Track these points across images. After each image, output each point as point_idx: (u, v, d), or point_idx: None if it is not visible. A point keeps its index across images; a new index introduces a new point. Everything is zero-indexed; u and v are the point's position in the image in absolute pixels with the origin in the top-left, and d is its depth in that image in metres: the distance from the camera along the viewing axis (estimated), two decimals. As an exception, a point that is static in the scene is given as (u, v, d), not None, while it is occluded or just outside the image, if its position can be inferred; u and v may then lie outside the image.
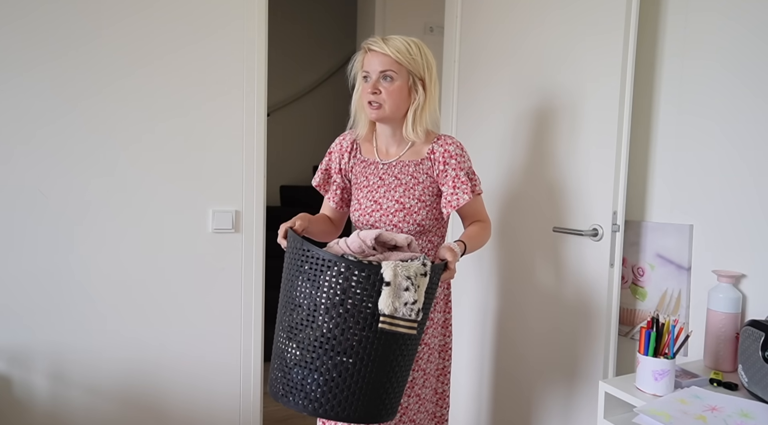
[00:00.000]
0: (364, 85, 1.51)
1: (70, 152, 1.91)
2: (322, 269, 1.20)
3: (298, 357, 1.22)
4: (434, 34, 3.58)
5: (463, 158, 1.53)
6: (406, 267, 1.18)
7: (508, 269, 2.07)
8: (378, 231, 1.32)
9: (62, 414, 1.95)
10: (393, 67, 1.46)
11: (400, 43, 1.47)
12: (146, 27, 1.96)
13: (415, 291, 1.18)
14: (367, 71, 1.49)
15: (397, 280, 1.17)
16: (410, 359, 1.30)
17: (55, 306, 1.92)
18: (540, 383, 1.93)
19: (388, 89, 1.47)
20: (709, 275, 1.53)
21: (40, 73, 1.86)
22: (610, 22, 1.65)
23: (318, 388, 1.19)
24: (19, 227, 1.87)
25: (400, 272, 1.17)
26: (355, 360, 1.18)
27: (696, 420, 1.13)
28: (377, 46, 1.46)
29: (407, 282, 1.18)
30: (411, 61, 1.47)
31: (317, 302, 1.19)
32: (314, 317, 1.20)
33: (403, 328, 1.19)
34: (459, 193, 1.49)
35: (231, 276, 2.14)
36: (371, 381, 1.20)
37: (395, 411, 1.30)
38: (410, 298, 1.18)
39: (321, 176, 1.67)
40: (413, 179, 1.53)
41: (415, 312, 1.19)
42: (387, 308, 1.16)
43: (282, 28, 4.25)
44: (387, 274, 1.17)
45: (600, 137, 1.69)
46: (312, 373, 1.20)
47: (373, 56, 1.47)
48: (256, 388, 2.21)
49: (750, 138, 1.45)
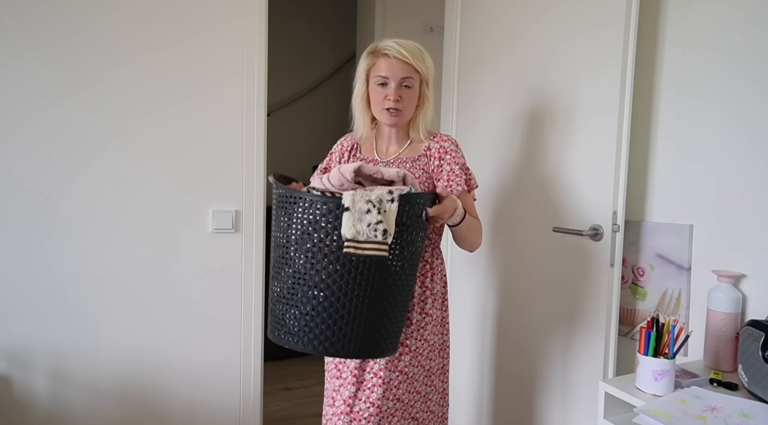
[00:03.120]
0: (380, 91, 1.51)
1: (69, 153, 1.90)
2: (293, 207, 1.22)
3: (278, 294, 1.25)
4: (434, 34, 3.57)
5: (458, 153, 1.57)
6: (366, 194, 1.18)
7: (508, 269, 2.07)
8: (357, 164, 1.31)
9: (62, 414, 1.95)
10: (412, 75, 1.50)
11: (416, 49, 1.50)
12: (146, 27, 1.96)
13: (379, 213, 1.17)
14: (386, 77, 1.50)
15: (356, 205, 1.16)
16: (400, 293, 1.28)
17: (55, 306, 1.92)
18: (540, 383, 1.93)
19: (408, 96, 1.51)
20: (709, 275, 1.53)
21: (40, 74, 1.85)
22: (610, 21, 1.65)
23: (296, 322, 1.23)
24: (18, 228, 1.87)
25: (359, 198, 1.17)
26: (326, 294, 1.19)
27: (696, 420, 1.13)
28: (399, 53, 1.48)
29: (368, 205, 1.17)
30: (424, 67, 1.51)
31: (290, 239, 1.22)
32: (289, 253, 1.22)
33: (370, 250, 1.18)
34: (453, 185, 1.53)
35: (231, 276, 2.14)
36: (348, 315, 1.20)
37: (391, 347, 1.30)
38: (373, 219, 1.17)
39: (320, 174, 1.66)
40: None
41: (381, 232, 1.18)
42: (348, 232, 1.16)
43: (282, 27, 4.25)
44: (346, 201, 1.17)
45: (600, 136, 1.69)
46: (290, 308, 1.23)
47: (394, 63, 1.48)
48: (256, 388, 2.21)
49: (750, 138, 1.45)
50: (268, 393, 2.98)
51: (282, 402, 2.90)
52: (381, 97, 1.51)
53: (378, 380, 1.46)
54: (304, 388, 3.08)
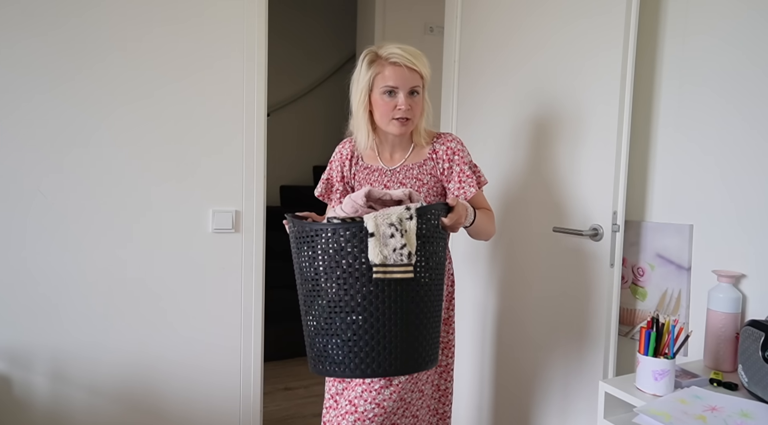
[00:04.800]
0: (387, 101, 1.46)
1: (70, 153, 1.91)
2: (316, 240, 1.25)
3: (315, 327, 1.28)
4: (434, 34, 3.57)
5: (464, 152, 1.56)
6: (387, 215, 1.21)
7: (508, 269, 2.07)
8: (366, 189, 1.33)
9: (62, 414, 1.95)
10: (419, 82, 1.47)
11: (418, 53, 1.47)
12: (147, 28, 1.96)
13: (402, 236, 1.20)
14: (395, 86, 1.45)
15: (380, 229, 1.20)
16: (432, 303, 1.30)
17: (55, 306, 1.92)
18: (540, 382, 1.93)
19: (417, 104, 1.48)
20: (709, 275, 1.53)
21: (40, 75, 1.86)
22: (611, 22, 1.65)
23: (339, 350, 1.25)
24: (19, 228, 1.87)
25: (381, 222, 1.20)
26: (365, 317, 1.22)
27: (696, 420, 1.13)
28: (407, 60, 1.44)
29: (391, 229, 1.20)
30: (427, 72, 1.49)
31: (318, 270, 1.25)
32: (319, 284, 1.25)
33: (398, 274, 1.21)
34: (465, 186, 1.52)
35: (231, 276, 2.14)
36: (390, 333, 1.23)
37: (434, 357, 1.33)
38: (398, 244, 1.20)
39: (323, 185, 1.67)
40: (417, 181, 1.54)
41: (406, 256, 1.21)
42: (377, 258, 1.20)
43: (282, 27, 4.25)
44: (369, 226, 1.20)
45: (600, 136, 1.69)
46: (331, 338, 1.25)
47: (404, 71, 1.44)
48: (256, 388, 2.21)
49: (750, 138, 1.45)
50: (268, 393, 2.98)
51: (282, 402, 2.90)
52: (389, 108, 1.46)
53: (385, 380, 1.46)
54: (304, 388, 3.09)
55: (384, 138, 1.57)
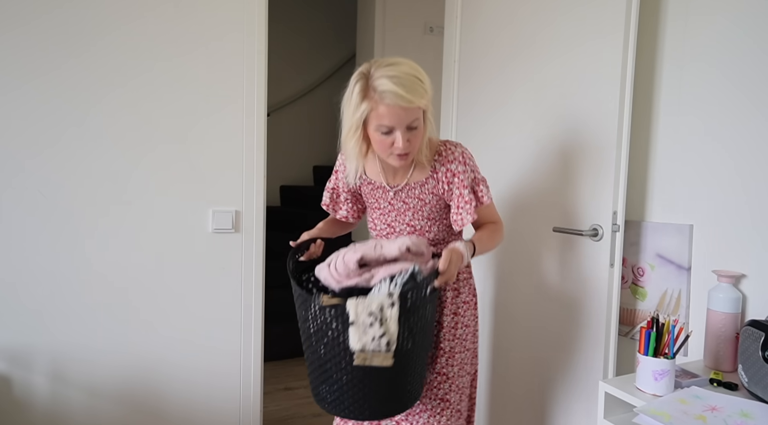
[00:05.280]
0: (384, 139, 1.35)
1: (70, 153, 1.90)
2: (306, 304, 1.29)
3: (311, 366, 1.35)
4: (434, 34, 3.57)
5: (466, 173, 1.47)
6: (368, 303, 1.22)
7: (508, 269, 2.07)
8: (359, 254, 1.35)
9: (62, 414, 1.95)
10: (418, 115, 1.35)
11: (415, 81, 1.31)
12: (147, 29, 1.96)
13: (381, 325, 1.21)
14: (391, 126, 1.33)
15: (360, 318, 1.21)
16: (416, 359, 1.32)
17: (55, 307, 1.92)
18: (540, 382, 1.93)
19: (416, 137, 1.37)
20: (709, 275, 1.53)
21: (41, 76, 1.85)
22: (611, 23, 1.65)
23: (329, 395, 1.31)
24: (19, 228, 1.87)
25: (361, 311, 1.22)
26: (350, 377, 1.27)
27: (696, 420, 1.13)
28: (402, 99, 1.29)
29: (371, 318, 1.21)
30: (427, 100, 1.36)
31: (310, 331, 1.30)
32: (311, 340, 1.31)
33: (377, 361, 1.23)
34: (463, 213, 1.46)
35: (231, 276, 2.14)
36: (377, 388, 1.28)
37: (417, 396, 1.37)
38: (377, 333, 1.21)
39: (328, 195, 1.65)
40: (420, 201, 1.51)
41: (384, 345, 1.22)
42: (356, 345, 1.22)
43: (282, 27, 4.25)
44: (350, 313, 1.22)
45: (600, 136, 1.69)
46: (322, 383, 1.32)
47: (400, 111, 1.31)
48: (256, 388, 2.21)
49: (750, 138, 1.45)
50: (268, 393, 2.98)
51: (282, 402, 2.90)
52: (387, 145, 1.37)
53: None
54: (304, 388, 3.08)
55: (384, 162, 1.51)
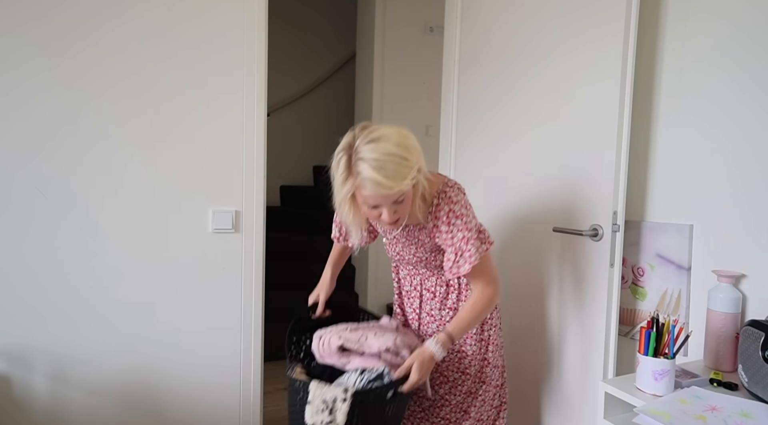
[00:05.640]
0: (372, 211, 1.37)
1: (70, 153, 1.90)
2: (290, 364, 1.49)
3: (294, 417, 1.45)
4: (434, 34, 3.58)
5: (451, 231, 1.43)
6: (324, 391, 1.33)
7: (508, 269, 2.07)
8: (341, 342, 1.49)
9: (62, 414, 1.95)
10: (405, 191, 1.33)
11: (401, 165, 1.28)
12: (147, 29, 1.96)
13: (330, 414, 1.31)
14: (377, 205, 1.34)
15: (315, 401, 1.33)
16: None
17: (54, 307, 1.92)
18: (540, 382, 1.93)
19: (404, 207, 1.37)
20: (709, 275, 1.53)
21: (42, 76, 1.85)
22: (611, 25, 1.65)
23: None
24: (19, 228, 1.87)
25: (318, 395, 1.33)
26: None
27: (696, 420, 1.13)
28: (384, 188, 1.27)
29: (323, 405, 1.32)
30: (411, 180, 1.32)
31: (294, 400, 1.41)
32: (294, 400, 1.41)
33: None
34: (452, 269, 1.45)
35: (231, 276, 2.14)
36: None
37: None
38: (325, 419, 1.31)
39: (337, 228, 1.69)
40: (419, 240, 1.54)
41: None
42: (309, 421, 1.34)
43: (282, 27, 4.25)
44: (310, 392, 1.34)
45: (600, 136, 1.69)
46: None
47: (382, 195, 1.30)
48: (256, 388, 2.21)
49: (750, 138, 1.45)
50: (268, 393, 2.98)
51: (282, 402, 2.90)
52: (375, 215, 1.38)
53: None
54: (304, 388, 3.08)
55: None
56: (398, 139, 1.30)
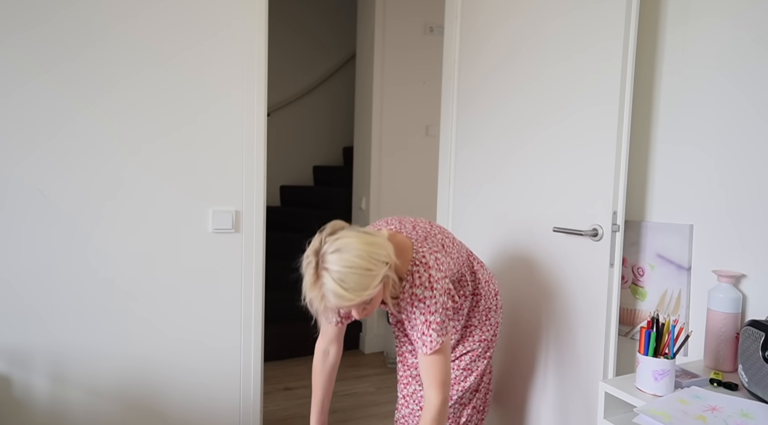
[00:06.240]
0: (345, 313, 1.52)
1: (70, 152, 1.91)
2: None
3: None
4: (434, 34, 3.58)
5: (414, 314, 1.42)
6: None
7: (508, 269, 2.07)
8: None
9: (62, 414, 1.95)
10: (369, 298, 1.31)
11: (363, 277, 1.25)
12: (147, 29, 1.96)
13: None
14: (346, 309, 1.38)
15: None
16: None
17: (55, 306, 1.92)
18: (540, 382, 1.93)
19: (372, 306, 1.36)
20: (709, 275, 1.53)
21: (42, 75, 1.85)
22: (612, 23, 1.65)
23: None
24: (18, 228, 1.87)
25: None
26: None
27: (696, 420, 1.13)
28: (346, 300, 1.26)
29: None
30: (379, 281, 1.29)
31: None
32: None
33: None
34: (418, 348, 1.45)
35: (231, 276, 2.14)
36: None
37: None
38: None
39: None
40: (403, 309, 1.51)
41: None
42: None
43: (282, 27, 4.25)
44: None
45: (600, 136, 1.69)
46: None
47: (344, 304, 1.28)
48: (256, 388, 2.21)
49: (750, 137, 1.45)
50: (268, 393, 2.98)
51: (282, 402, 2.90)
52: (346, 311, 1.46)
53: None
54: (304, 388, 3.08)
55: None
56: (362, 247, 1.26)
